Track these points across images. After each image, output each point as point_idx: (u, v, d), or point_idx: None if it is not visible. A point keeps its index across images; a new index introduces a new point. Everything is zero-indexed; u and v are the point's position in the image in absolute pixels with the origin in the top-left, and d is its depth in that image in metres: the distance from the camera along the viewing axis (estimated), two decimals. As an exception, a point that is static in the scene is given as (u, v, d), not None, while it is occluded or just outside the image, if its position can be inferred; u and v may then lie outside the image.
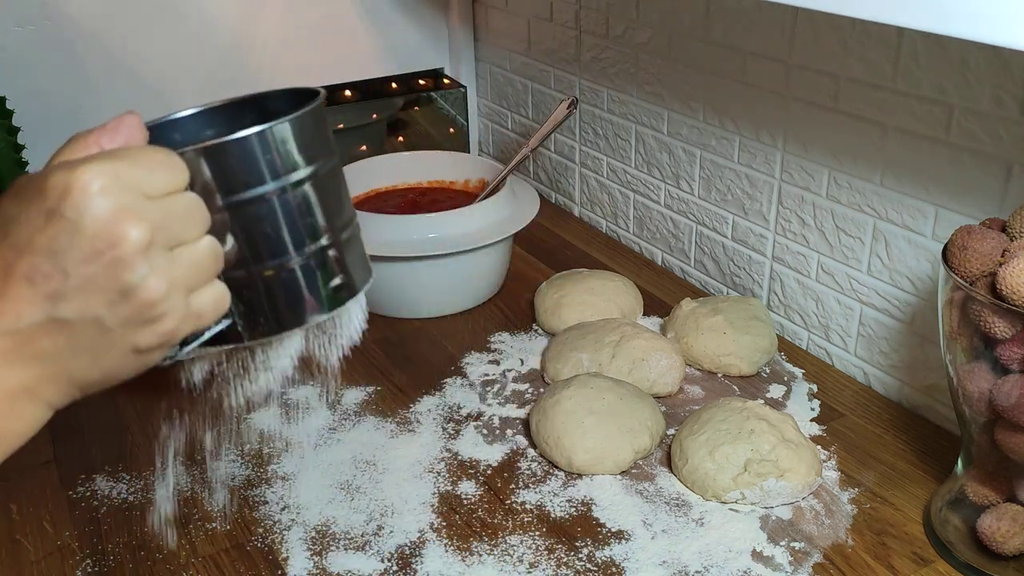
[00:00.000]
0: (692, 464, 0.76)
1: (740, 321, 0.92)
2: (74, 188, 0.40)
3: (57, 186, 0.40)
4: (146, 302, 0.42)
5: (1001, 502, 0.67)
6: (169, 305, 0.43)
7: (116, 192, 0.40)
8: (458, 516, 0.75)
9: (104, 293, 0.41)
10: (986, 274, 0.61)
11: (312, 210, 0.50)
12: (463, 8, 1.40)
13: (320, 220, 0.50)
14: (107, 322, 0.42)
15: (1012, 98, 0.72)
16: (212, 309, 0.46)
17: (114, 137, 0.45)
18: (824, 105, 0.88)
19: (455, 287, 1.03)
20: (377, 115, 1.35)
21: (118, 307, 0.42)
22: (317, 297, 0.52)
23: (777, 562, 0.69)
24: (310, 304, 0.52)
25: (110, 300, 0.41)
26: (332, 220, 0.51)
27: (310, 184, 0.50)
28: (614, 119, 1.18)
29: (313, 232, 0.50)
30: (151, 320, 0.43)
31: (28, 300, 0.41)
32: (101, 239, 0.40)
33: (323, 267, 0.51)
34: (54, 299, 0.41)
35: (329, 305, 0.52)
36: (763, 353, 0.91)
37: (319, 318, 0.52)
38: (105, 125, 0.45)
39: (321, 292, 0.52)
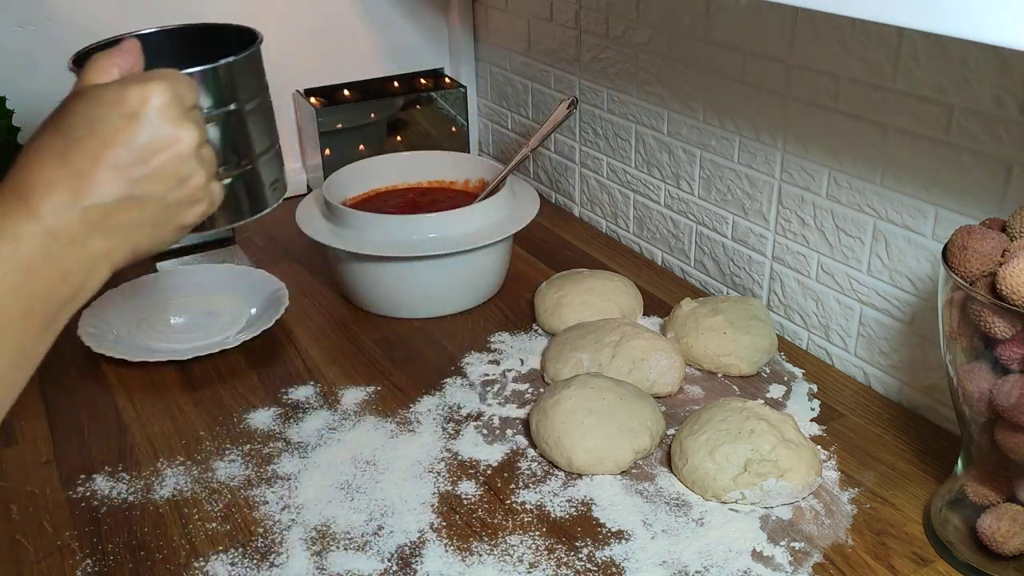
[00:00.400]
0: (692, 464, 0.76)
1: (740, 321, 0.92)
2: (149, 98, 0.52)
3: (135, 97, 0.52)
4: (196, 186, 0.55)
5: (1001, 502, 0.67)
6: (206, 191, 0.57)
7: (176, 104, 0.53)
8: (458, 516, 0.75)
9: (168, 179, 0.54)
10: (986, 274, 0.61)
11: (264, 123, 0.65)
12: (463, 8, 1.40)
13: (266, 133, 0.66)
14: (167, 201, 0.54)
15: (1012, 98, 0.72)
16: (220, 197, 0.59)
17: (126, 58, 0.57)
18: (824, 105, 0.88)
19: (455, 287, 1.03)
20: (377, 115, 1.35)
21: (176, 191, 0.54)
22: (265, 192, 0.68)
23: (777, 562, 0.69)
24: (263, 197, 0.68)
25: (171, 185, 0.54)
26: (272, 134, 0.68)
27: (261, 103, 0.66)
28: (614, 119, 1.18)
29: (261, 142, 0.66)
30: (195, 202, 0.56)
31: (113, 182, 0.51)
32: (169, 137, 0.53)
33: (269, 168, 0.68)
34: (133, 182, 0.52)
35: (272, 200, 0.69)
36: (763, 353, 0.91)
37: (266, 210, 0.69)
38: (120, 47, 0.57)
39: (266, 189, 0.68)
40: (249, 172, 0.65)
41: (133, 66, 0.57)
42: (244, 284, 1.07)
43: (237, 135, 0.63)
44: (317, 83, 1.35)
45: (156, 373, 0.94)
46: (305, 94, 1.33)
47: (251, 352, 0.97)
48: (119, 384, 0.93)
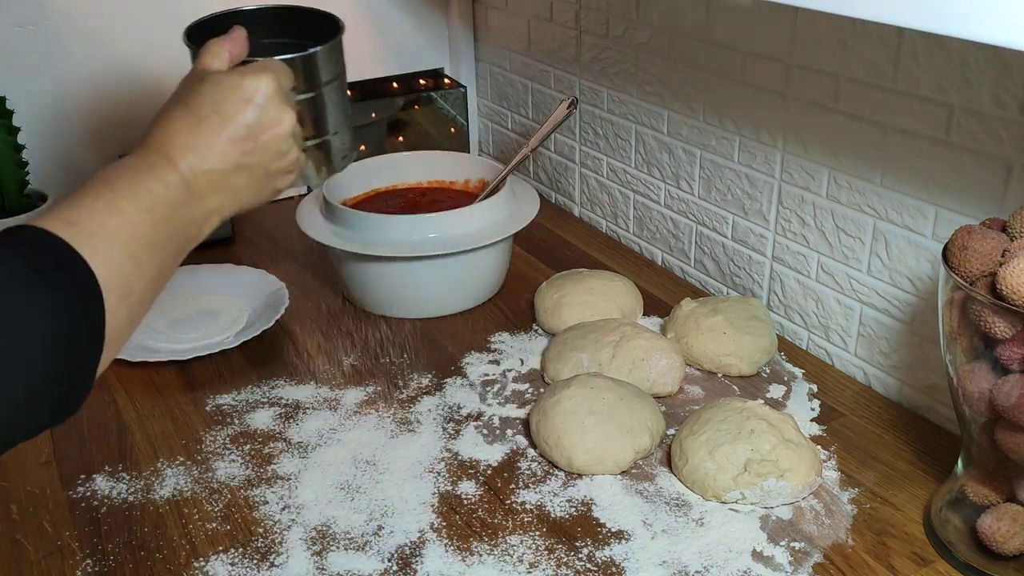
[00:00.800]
0: (692, 464, 0.76)
1: (740, 321, 0.92)
2: (261, 87, 0.65)
3: (251, 85, 0.64)
4: (292, 160, 0.68)
5: (1001, 502, 0.67)
6: (297, 164, 0.69)
7: (280, 93, 0.66)
8: (458, 516, 0.75)
9: (271, 153, 0.66)
10: (986, 274, 0.61)
11: (340, 101, 0.75)
12: (463, 8, 1.40)
13: (342, 109, 0.76)
14: (269, 170, 0.67)
15: (1012, 98, 0.72)
16: (305, 166, 0.72)
17: (235, 46, 0.69)
18: (824, 105, 0.88)
19: (455, 287, 1.03)
20: (377, 115, 1.35)
21: (276, 162, 0.67)
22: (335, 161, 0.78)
23: (777, 562, 0.69)
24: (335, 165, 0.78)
25: (272, 157, 0.66)
26: (347, 110, 0.77)
27: (339, 84, 0.75)
28: (614, 119, 1.18)
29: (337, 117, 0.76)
30: (289, 172, 0.69)
31: (231, 153, 0.64)
32: (275, 120, 0.65)
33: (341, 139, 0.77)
34: (246, 153, 0.64)
35: (341, 167, 0.79)
36: (763, 353, 0.91)
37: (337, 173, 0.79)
38: (231, 36, 0.69)
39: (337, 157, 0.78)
40: (326, 143, 0.75)
41: (241, 52, 0.69)
42: (244, 284, 1.07)
43: (320, 112, 0.73)
44: (317, 83, 1.35)
45: (156, 373, 0.94)
46: (305, 94, 1.33)
47: (251, 352, 0.97)
48: (119, 384, 0.93)
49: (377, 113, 1.34)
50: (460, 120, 1.39)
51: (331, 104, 0.74)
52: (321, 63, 0.72)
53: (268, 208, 1.33)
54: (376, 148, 1.34)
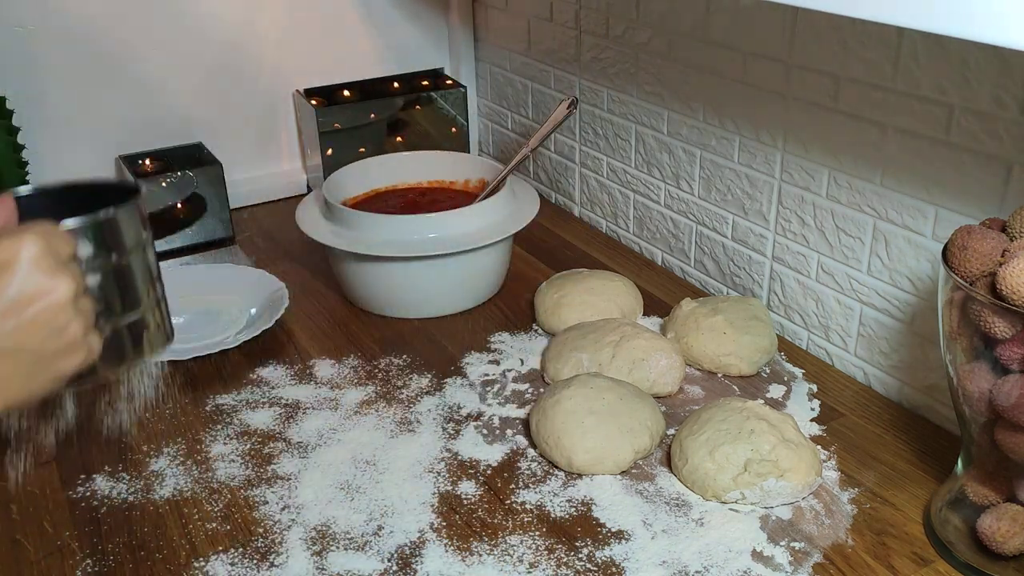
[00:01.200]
0: (692, 464, 0.76)
1: (740, 321, 0.92)
2: (21, 250, 0.51)
3: (6, 249, 0.51)
4: (71, 338, 0.54)
5: (1001, 502, 0.67)
6: (83, 341, 0.55)
7: (49, 256, 0.52)
8: (458, 516, 0.75)
9: (42, 330, 0.52)
10: (986, 274, 0.61)
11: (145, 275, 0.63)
12: (463, 8, 1.40)
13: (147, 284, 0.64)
14: (42, 352, 0.53)
15: (1012, 98, 0.72)
16: (99, 347, 0.58)
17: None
18: (824, 105, 0.88)
19: (455, 287, 1.03)
20: (377, 115, 1.35)
21: (50, 342, 0.53)
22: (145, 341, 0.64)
23: (777, 562, 0.69)
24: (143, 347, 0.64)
25: (44, 336, 0.52)
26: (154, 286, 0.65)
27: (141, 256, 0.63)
28: (614, 119, 1.18)
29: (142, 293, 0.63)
30: (72, 352, 0.54)
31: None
32: (42, 288, 0.52)
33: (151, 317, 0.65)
34: (5, 334, 0.51)
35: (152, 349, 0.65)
36: (763, 353, 0.91)
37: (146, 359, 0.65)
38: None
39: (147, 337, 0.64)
40: (131, 322, 0.63)
41: (7, 220, 0.57)
42: (244, 284, 1.07)
43: (117, 286, 0.61)
44: (317, 83, 1.35)
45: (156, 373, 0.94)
46: (305, 94, 1.33)
47: (251, 352, 0.97)
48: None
49: (377, 113, 1.34)
50: (460, 120, 1.39)
51: (134, 276, 0.62)
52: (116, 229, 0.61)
53: (268, 208, 1.34)
54: (376, 148, 1.34)
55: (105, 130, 1.24)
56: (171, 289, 1.07)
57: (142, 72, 1.24)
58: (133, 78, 1.24)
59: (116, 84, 1.23)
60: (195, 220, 1.21)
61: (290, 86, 1.35)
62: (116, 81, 1.23)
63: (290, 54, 1.33)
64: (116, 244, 0.61)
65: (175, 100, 1.28)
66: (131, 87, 1.24)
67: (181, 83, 1.27)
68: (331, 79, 1.36)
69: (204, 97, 1.30)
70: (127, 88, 1.24)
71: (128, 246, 0.62)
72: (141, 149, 1.24)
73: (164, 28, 1.24)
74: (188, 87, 1.28)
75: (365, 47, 1.38)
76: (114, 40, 1.21)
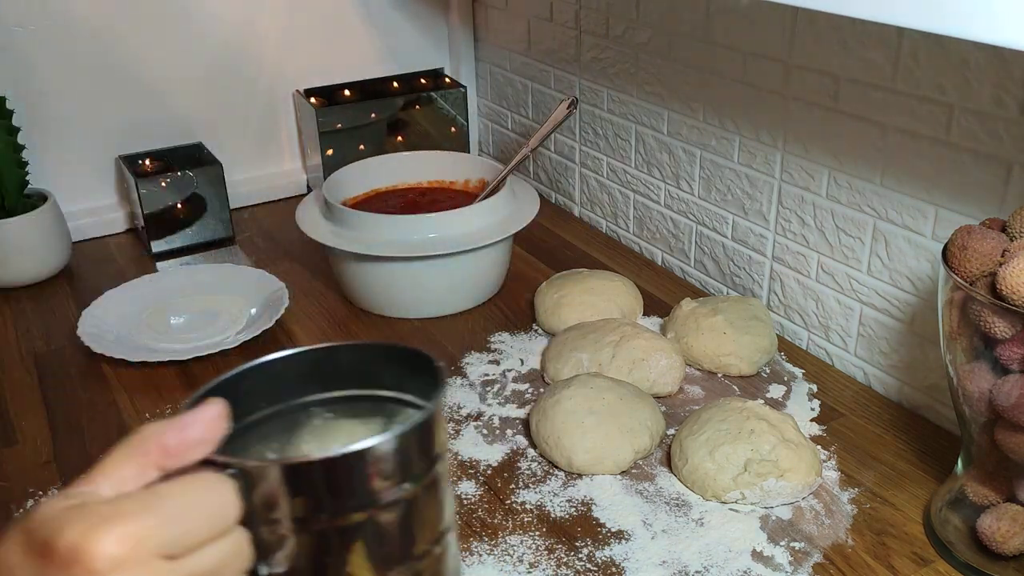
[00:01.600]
0: (692, 464, 0.76)
1: (740, 321, 0.92)
2: (81, 560, 0.33)
3: (66, 550, 0.33)
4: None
5: (1001, 502, 0.67)
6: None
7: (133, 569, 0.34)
8: (458, 516, 0.75)
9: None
10: (986, 274, 0.61)
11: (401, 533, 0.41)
12: (463, 8, 1.40)
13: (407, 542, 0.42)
14: None
15: (1012, 98, 0.72)
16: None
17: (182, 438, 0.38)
18: (824, 105, 0.88)
19: (455, 287, 1.03)
20: (377, 115, 1.35)
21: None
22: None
23: (777, 562, 0.69)
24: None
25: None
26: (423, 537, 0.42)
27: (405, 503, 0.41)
28: (614, 119, 1.18)
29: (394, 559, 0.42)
30: None
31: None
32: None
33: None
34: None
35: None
36: (763, 353, 0.91)
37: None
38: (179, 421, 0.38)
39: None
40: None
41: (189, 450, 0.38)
42: (244, 284, 1.07)
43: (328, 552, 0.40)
44: (317, 83, 1.35)
45: (156, 373, 0.94)
46: (305, 94, 1.33)
47: (251, 352, 0.97)
48: (119, 384, 0.93)
49: (377, 113, 1.34)
50: (460, 120, 1.39)
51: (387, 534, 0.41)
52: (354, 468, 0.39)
53: (268, 208, 1.34)
54: (376, 148, 1.34)
55: (105, 130, 1.24)
56: (171, 289, 1.08)
57: (142, 72, 1.24)
58: (133, 78, 1.24)
59: (116, 84, 1.23)
60: (195, 220, 1.21)
61: (290, 86, 1.35)
62: (116, 81, 1.23)
63: (290, 54, 1.33)
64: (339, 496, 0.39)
65: (175, 100, 1.28)
66: (131, 87, 1.24)
67: (181, 83, 1.27)
68: (331, 79, 1.36)
69: (204, 97, 1.30)
70: (127, 88, 1.24)
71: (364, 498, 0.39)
72: (141, 149, 1.24)
73: (164, 28, 1.24)
74: (188, 87, 1.28)
75: (365, 47, 1.38)
76: (114, 40, 1.21)
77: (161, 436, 0.38)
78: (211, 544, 0.36)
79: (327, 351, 0.47)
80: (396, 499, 0.40)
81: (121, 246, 1.24)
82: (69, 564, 0.33)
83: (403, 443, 0.39)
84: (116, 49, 1.22)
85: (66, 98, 1.21)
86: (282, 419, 0.46)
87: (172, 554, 0.35)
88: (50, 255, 1.13)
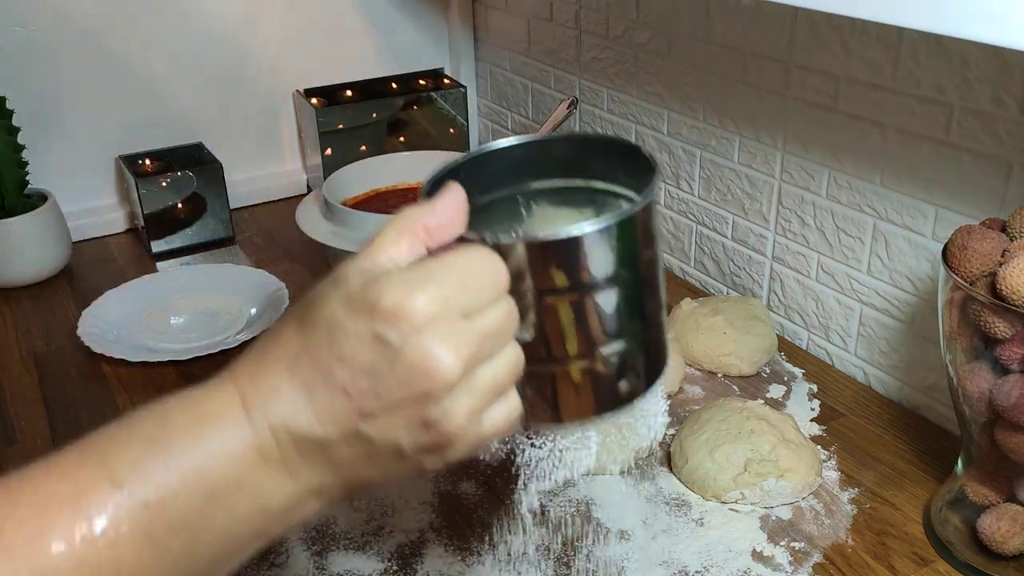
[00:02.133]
0: (692, 464, 0.76)
1: (740, 321, 0.92)
2: (403, 316, 0.40)
3: (389, 308, 0.40)
4: (444, 434, 0.42)
5: (1001, 502, 0.67)
6: (463, 435, 0.42)
7: (441, 325, 0.40)
8: (458, 516, 0.75)
9: (408, 420, 0.41)
10: (986, 274, 0.61)
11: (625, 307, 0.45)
12: (463, 8, 1.40)
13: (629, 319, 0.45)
14: (404, 446, 0.42)
15: (1012, 98, 0.72)
16: (503, 428, 0.44)
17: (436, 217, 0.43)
18: (824, 105, 0.88)
19: (455, 287, 1.03)
20: (377, 115, 1.35)
21: (417, 435, 0.42)
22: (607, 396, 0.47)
23: (777, 562, 0.69)
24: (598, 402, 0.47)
25: (411, 427, 0.41)
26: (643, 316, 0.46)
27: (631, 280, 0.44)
28: (614, 119, 1.18)
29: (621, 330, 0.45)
30: (443, 448, 0.42)
31: (342, 412, 0.41)
32: (418, 371, 0.40)
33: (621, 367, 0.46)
34: (364, 416, 0.41)
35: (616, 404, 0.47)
36: (763, 353, 0.91)
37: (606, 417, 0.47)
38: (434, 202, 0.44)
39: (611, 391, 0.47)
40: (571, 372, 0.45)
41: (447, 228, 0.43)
42: (244, 284, 1.07)
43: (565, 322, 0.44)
44: (317, 83, 1.35)
45: (156, 373, 0.94)
46: (305, 94, 1.33)
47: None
48: (119, 384, 0.93)
49: (377, 113, 1.34)
50: (460, 120, 1.39)
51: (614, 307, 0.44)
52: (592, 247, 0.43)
53: (268, 208, 1.34)
54: (376, 148, 1.34)
55: (105, 130, 1.24)
56: (171, 289, 1.08)
57: (142, 72, 1.24)
58: (133, 78, 1.24)
59: (116, 84, 1.23)
60: (195, 220, 1.21)
61: (290, 86, 1.35)
62: (116, 81, 1.23)
63: (290, 54, 1.33)
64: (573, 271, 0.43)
65: (175, 100, 1.28)
66: (131, 87, 1.24)
67: (181, 83, 1.27)
68: (331, 79, 1.36)
69: (204, 97, 1.30)
70: (127, 88, 1.24)
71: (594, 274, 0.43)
72: (141, 149, 1.24)
73: (164, 28, 1.24)
74: (188, 87, 1.28)
75: (365, 47, 1.38)
76: (114, 40, 1.21)
77: (423, 217, 0.43)
78: (493, 307, 0.42)
79: (543, 144, 0.51)
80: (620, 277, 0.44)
81: (121, 246, 1.24)
82: (396, 319, 0.40)
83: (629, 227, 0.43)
84: (116, 49, 1.22)
85: (66, 98, 1.21)
86: (502, 206, 0.51)
87: (468, 314, 0.41)
88: (50, 255, 1.13)
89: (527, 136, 0.50)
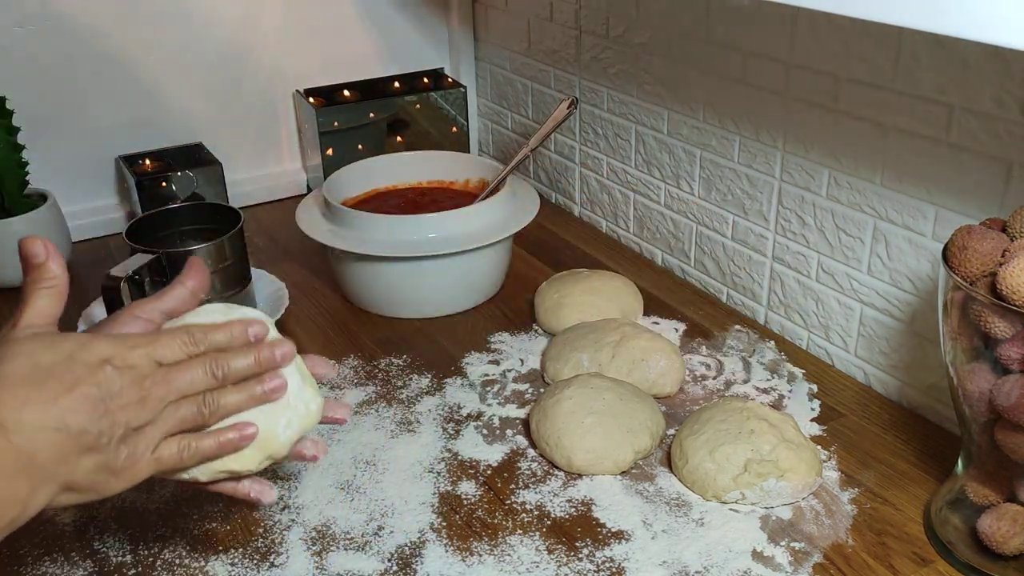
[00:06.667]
0: (692, 464, 0.76)
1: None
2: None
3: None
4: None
5: (1001, 502, 0.67)
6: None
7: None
8: (458, 516, 0.75)
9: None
10: (986, 274, 0.61)
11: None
12: (463, 8, 1.40)
13: None
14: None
15: (1012, 98, 0.72)
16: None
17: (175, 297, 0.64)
18: (824, 105, 0.88)
19: (455, 287, 1.03)
20: (377, 115, 1.35)
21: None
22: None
23: (777, 562, 0.69)
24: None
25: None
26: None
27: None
28: (614, 119, 1.18)
29: None
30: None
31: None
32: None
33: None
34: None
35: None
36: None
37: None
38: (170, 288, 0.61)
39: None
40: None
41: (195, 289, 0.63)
42: (244, 284, 1.07)
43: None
44: (317, 83, 1.35)
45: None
46: (305, 94, 1.33)
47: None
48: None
49: (377, 113, 1.34)
50: (460, 120, 1.39)
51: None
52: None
53: (268, 208, 1.34)
54: (376, 148, 1.34)
55: (105, 130, 1.24)
56: (171, 289, 1.07)
57: (142, 72, 1.24)
58: (133, 78, 1.24)
59: (116, 84, 1.23)
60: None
61: (290, 86, 1.35)
62: (116, 81, 1.23)
63: (290, 54, 1.33)
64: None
65: (175, 100, 1.28)
66: (131, 87, 1.24)
67: (181, 83, 1.27)
68: (331, 79, 1.36)
69: (204, 97, 1.30)
70: (127, 88, 1.24)
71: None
72: (141, 149, 1.24)
73: (164, 28, 1.24)
74: (188, 87, 1.28)
75: (365, 47, 1.38)
76: (114, 40, 1.21)
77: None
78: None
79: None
80: None
81: (121, 246, 1.24)
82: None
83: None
84: (116, 49, 1.22)
85: (66, 98, 1.21)
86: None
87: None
88: (50, 255, 1.13)
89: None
